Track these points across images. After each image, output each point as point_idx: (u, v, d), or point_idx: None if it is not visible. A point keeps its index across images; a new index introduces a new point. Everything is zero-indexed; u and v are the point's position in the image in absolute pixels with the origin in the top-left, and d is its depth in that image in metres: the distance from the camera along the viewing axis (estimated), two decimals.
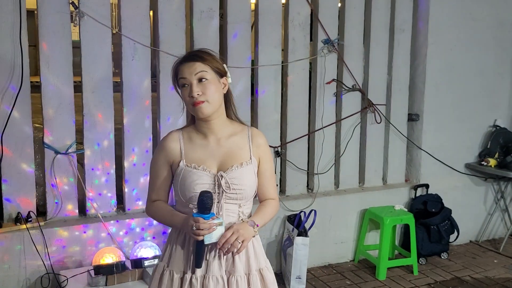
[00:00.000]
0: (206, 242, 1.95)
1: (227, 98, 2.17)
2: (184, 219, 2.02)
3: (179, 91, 2.10)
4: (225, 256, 2.07)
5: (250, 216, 2.16)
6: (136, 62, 3.86)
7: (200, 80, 2.02)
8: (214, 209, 2.05)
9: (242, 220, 2.09)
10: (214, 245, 2.01)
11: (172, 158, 2.12)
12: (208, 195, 1.95)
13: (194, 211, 2.01)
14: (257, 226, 2.09)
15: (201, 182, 2.04)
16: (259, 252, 2.17)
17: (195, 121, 2.15)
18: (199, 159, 2.09)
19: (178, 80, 2.07)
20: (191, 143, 2.12)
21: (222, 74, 2.10)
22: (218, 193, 2.06)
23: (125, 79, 3.86)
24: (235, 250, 2.01)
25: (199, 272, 2.05)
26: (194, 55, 2.07)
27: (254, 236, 2.10)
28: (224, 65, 2.15)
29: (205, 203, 1.94)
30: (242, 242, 2.00)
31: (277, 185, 2.48)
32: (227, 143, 2.13)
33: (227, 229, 2.00)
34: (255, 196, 2.20)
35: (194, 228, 1.93)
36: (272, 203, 2.22)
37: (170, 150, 2.12)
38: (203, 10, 4.02)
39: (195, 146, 2.11)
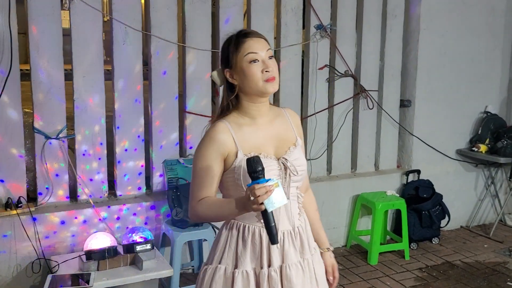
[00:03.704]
0: (269, 209, 1.78)
1: None
2: (241, 198, 1.86)
3: (244, 66, 1.94)
4: (297, 241, 2.03)
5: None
6: (127, 46, 3.82)
7: (269, 56, 1.96)
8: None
9: (328, 249, 2.22)
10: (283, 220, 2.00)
11: (227, 150, 1.95)
12: (256, 159, 1.80)
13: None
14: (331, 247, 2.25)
15: (269, 169, 1.90)
16: (310, 231, 2.15)
17: (233, 108, 2.01)
18: (256, 145, 1.98)
19: (245, 55, 1.93)
20: (241, 131, 1.98)
21: None
22: (285, 178, 1.98)
23: (116, 64, 3.83)
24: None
25: (276, 263, 1.96)
26: (258, 34, 1.99)
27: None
28: None
29: (255, 167, 1.79)
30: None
31: None
32: (275, 126, 2.05)
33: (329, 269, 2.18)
34: None
35: (252, 197, 1.76)
36: (316, 206, 2.25)
37: (222, 142, 1.94)
38: None
39: (246, 134, 1.98)
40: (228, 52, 1.97)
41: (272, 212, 1.81)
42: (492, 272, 4.34)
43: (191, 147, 4.13)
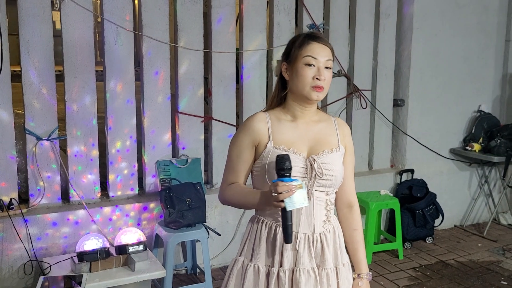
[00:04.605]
0: (288, 208, 1.82)
1: None
2: (263, 192, 1.92)
3: (299, 67, 1.96)
4: (314, 247, 1.99)
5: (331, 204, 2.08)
6: (119, 47, 3.81)
7: (326, 67, 1.97)
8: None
9: (358, 275, 2.11)
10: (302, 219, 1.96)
11: (259, 139, 2.00)
12: (286, 156, 1.84)
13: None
14: (370, 274, 2.13)
15: (294, 165, 1.91)
16: (343, 246, 2.10)
17: (280, 103, 2.06)
18: (288, 141, 1.99)
19: (304, 57, 1.95)
20: (279, 124, 2.02)
21: None
22: (310, 178, 1.97)
23: (108, 65, 3.81)
24: None
25: (287, 265, 1.96)
26: (326, 41, 2.00)
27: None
28: None
29: (283, 164, 1.83)
30: None
31: None
32: (316, 128, 2.04)
33: None
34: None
35: (274, 193, 1.81)
36: (357, 225, 2.15)
37: (257, 130, 2.00)
38: None
39: (284, 128, 2.01)
40: (292, 47, 2.00)
41: (291, 212, 1.84)
42: (486, 271, 4.35)
43: (183, 148, 4.12)
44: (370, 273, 2.14)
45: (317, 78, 1.94)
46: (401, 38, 4.97)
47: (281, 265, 1.97)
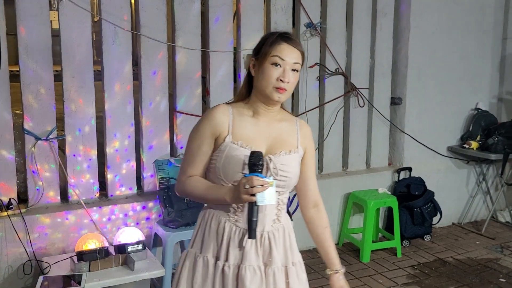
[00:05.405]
0: (258, 203, 1.83)
1: None
2: (233, 186, 1.90)
3: (266, 65, 1.94)
4: (262, 246, 1.98)
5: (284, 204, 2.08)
6: (116, 46, 3.81)
7: (293, 69, 1.96)
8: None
9: (336, 271, 2.15)
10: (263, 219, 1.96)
11: (219, 131, 1.97)
12: (259, 153, 1.85)
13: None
14: (343, 266, 2.18)
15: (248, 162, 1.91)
16: (294, 245, 2.10)
17: (244, 98, 2.05)
18: (248, 137, 1.97)
19: (272, 56, 1.93)
20: (241, 119, 1.99)
21: None
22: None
23: (106, 64, 3.81)
24: None
25: (232, 260, 1.96)
26: (297, 43, 1.98)
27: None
28: None
29: (256, 160, 1.84)
30: None
31: None
32: (277, 127, 2.03)
33: None
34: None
35: (247, 186, 1.80)
36: (326, 223, 2.18)
37: (218, 121, 1.97)
38: None
39: (245, 123, 1.99)
40: (263, 44, 1.99)
41: (258, 208, 1.85)
42: (484, 268, 4.36)
43: (181, 147, 4.12)
44: (342, 269, 2.19)
45: (281, 80, 1.93)
46: (398, 36, 4.98)
47: (226, 260, 1.97)
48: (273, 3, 4.34)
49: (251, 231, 1.87)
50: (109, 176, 3.93)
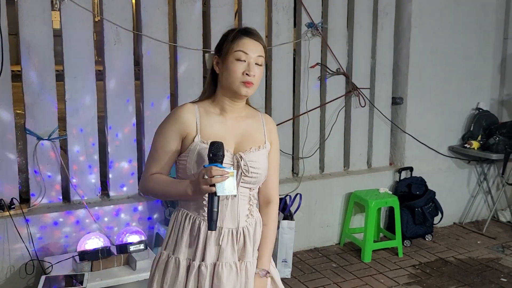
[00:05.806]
0: (218, 193, 1.81)
1: None
2: (193, 179, 1.89)
3: (230, 61, 1.94)
4: (238, 242, 2.00)
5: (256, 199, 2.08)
6: (118, 46, 3.81)
7: (257, 63, 1.96)
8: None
9: (258, 272, 2.06)
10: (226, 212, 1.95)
11: (186, 131, 1.97)
12: (220, 144, 1.83)
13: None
14: (269, 273, 2.09)
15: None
16: (259, 238, 2.11)
17: (210, 96, 2.04)
18: (216, 135, 1.95)
19: (235, 51, 1.94)
20: (208, 117, 1.99)
21: None
22: (236, 175, 1.95)
23: (108, 64, 3.82)
24: None
25: (209, 259, 1.96)
26: (258, 37, 1.99)
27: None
28: None
29: (216, 150, 1.82)
30: None
31: None
32: (243, 124, 2.05)
33: None
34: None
35: (206, 176, 1.79)
36: (274, 224, 2.14)
37: (185, 121, 1.97)
38: None
39: (212, 122, 1.99)
40: (224, 41, 1.99)
41: (218, 198, 1.83)
42: (486, 268, 4.36)
43: None
44: (266, 270, 2.09)
45: (247, 74, 1.94)
46: (400, 36, 4.98)
47: (203, 259, 1.97)
48: (274, 3, 4.34)
49: (211, 222, 1.83)
50: (111, 175, 3.93)
